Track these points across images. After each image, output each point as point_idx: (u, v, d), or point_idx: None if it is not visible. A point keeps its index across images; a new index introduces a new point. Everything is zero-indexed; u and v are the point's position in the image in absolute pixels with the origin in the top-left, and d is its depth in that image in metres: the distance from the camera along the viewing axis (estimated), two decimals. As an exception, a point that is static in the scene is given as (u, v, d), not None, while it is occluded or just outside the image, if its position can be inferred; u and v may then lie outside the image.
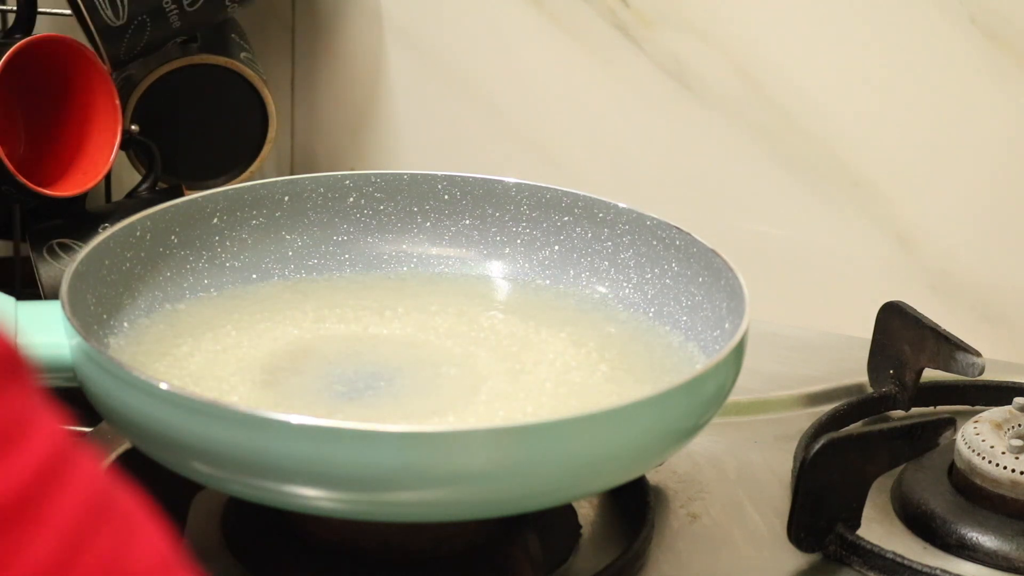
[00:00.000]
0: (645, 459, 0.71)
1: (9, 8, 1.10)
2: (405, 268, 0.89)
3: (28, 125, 1.03)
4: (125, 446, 0.76)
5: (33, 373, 0.40)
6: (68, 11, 0.99)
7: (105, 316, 0.77)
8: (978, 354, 0.87)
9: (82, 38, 0.99)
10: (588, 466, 0.66)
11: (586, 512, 0.81)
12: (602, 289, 0.87)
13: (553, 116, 1.12)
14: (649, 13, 1.07)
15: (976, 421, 0.85)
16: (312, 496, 0.65)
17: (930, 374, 0.91)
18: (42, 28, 1.05)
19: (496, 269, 0.89)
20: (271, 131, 1.04)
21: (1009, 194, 1.04)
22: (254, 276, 0.86)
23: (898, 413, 0.92)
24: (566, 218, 0.88)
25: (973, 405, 0.93)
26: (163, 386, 0.65)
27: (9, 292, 0.77)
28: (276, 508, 0.69)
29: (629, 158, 1.12)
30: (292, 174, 1.14)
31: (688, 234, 0.84)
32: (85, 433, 0.87)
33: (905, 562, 0.77)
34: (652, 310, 0.85)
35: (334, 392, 0.75)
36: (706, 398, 0.70)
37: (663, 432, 0.69)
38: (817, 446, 0.76)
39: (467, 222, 0.90)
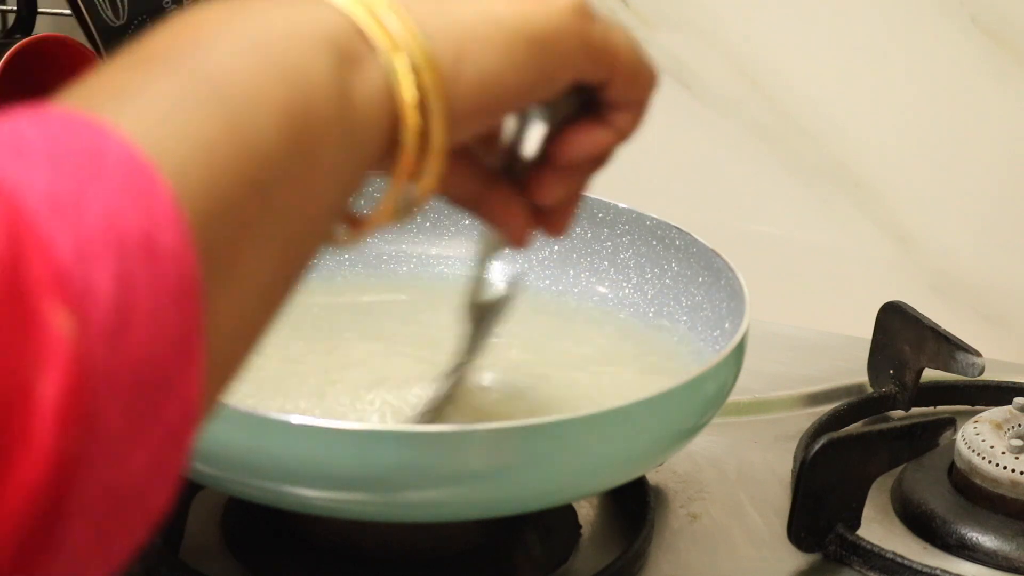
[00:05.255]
0: (645, 459, 0.71)
1: (9, 8, 1.10)
2: (405, 268, 0.89)
3: (28, 125, 1.03)
4: (125, 446, 0.76)
5: None
6: (68, 11, 0.99)
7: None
8: (978, 354, 0.87)
9: (82, 38, 0.99)
10: (588, 466, 0.66)
11: (586, 512, 0.81)
12: (602, 289, 0.87)
13: (553, 116, 1.12)
14: (649, 13, 1.07)
15: (976, 421, 0.85)
16: (312, 496, 0.65)
17: (930, 374, 0.91)
18: (42, 28, 1.05)
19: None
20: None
21: (1010, 194, 1.04)
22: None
23: (898, 413, 0.92)
24: (566, 218, 0.88)
25: (973, 405, 0.93)
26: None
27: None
28: (276, 508, 0.69)
29: (629, 158, 1.11)
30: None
31: (688, 234, 0.84)
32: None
33: (905, 562, 0.77)
34: (652, 310, 0.85)
35: (334, 392, 0.75)
36: (706, 398, 0.70)
37: (663, 432, 0.68)
38: (817, 446, 0.76)
39: (467, 222, 0.89)
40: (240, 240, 0.40)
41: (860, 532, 0.78)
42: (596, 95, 0.55)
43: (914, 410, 0.92)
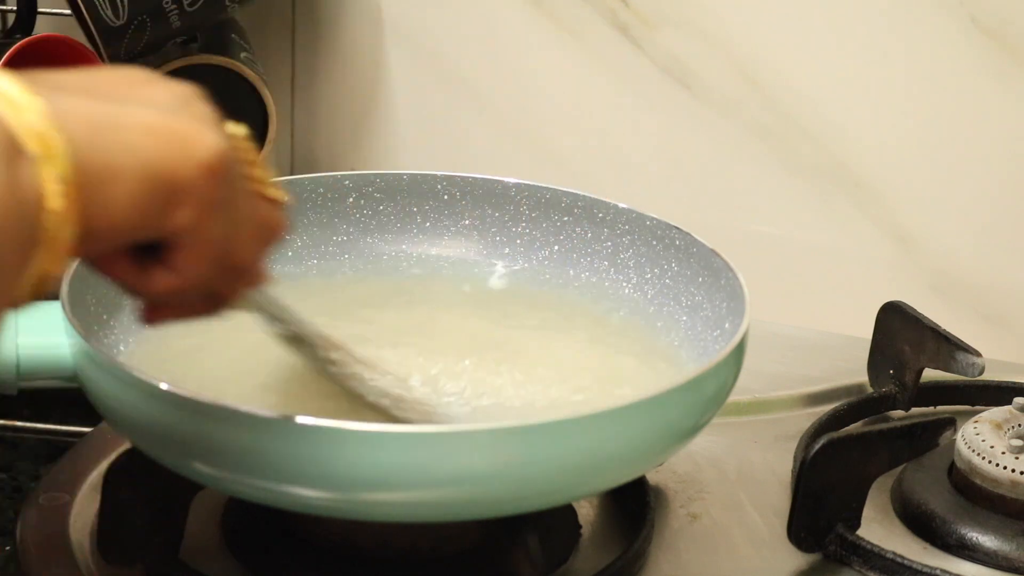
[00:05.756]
0: (645, 459, 0.71)
1: (9, 8, 1.10)
2: (404, 266, 0.89)
3: (28, 125, 1.03)
4: (125, 446, 0.76)
5: None
6: (68, 11, 0.99)
7: (105, 316, 0.77)
8: (978, 354, 0.87)
9: (82, 38, 0.99)
10: (588, 466, 0.66)
11: (586, 512, 0.81)
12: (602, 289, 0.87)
13: (553, 116, 1.12)
14: (649, 13, 1.07)
15: (976, 421, 0.85)
16: (312, 496, 0.65)
17: (930, 374, 0.91)
18: (42, 28, 1.05)
19: (496, 269, 0.89)
20: (271, 131, 1.04)
21: (1010, 194, 1.04)
22: (254, 276, 0.86)
23: (898, 413, 0.92)
24: (566, 218, 0.88)
25: (973, 405, 0.93)
26: (163, 386, 0.65)
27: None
28: (276, 508, 0.69)
29: (629, 158, 1.12)
30: (292, 174, 1.14)
31: (688, 234, 0.84)
32: (85, 433, 0.87)
33: (905, 562, 0.77)
34: (652, 310, 0.85)
35: (335, 393, 0.75)
36: (706, 398, 0.70)
37: (663, 432, 0.68)
38: (817, 446, 0.76)
39: (467, 222, 0.90)
40: None
41: (860, 532, 0.78)
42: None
43: (914, 410, 0.92)
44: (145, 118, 0.52)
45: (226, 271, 0.57)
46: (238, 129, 0.58)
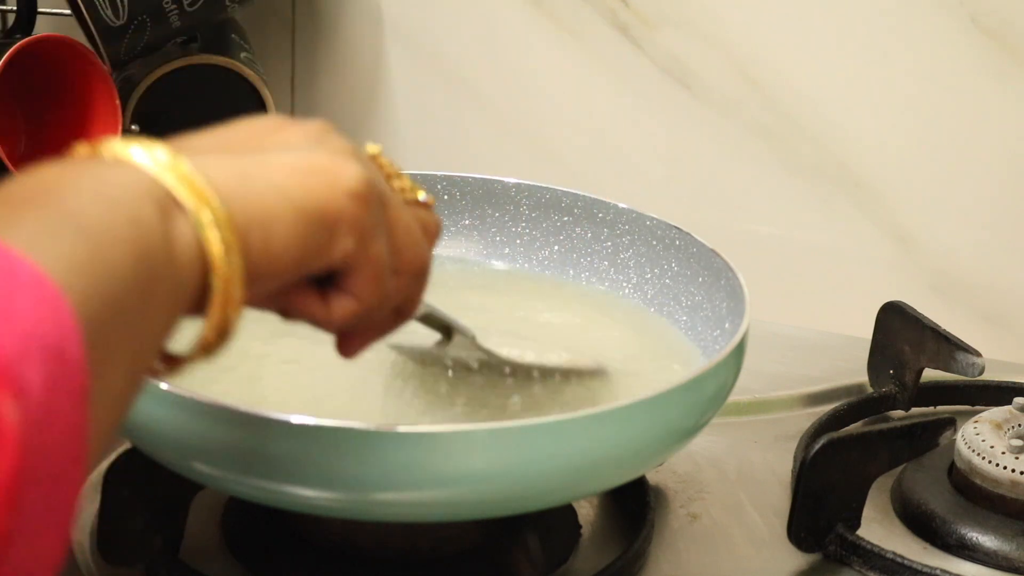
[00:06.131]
0: (645, 459, 0.71)
1: (9, 8, 1.10)
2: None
3: (28, 125, 1.03)
4: (125, 446, 0.76)
5: None
6: (68, 11, 0.99)
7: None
8: (978, 354, 0.87)
9: (82, 38, 0.99)
10: (588, 466, 0.66)
11: (586, 512, 0.81)
12: (602, 289, 0.87)
13: (553, 116, 1.12)
14: (649, 13, 1.08)
15: (976, 421, 0.85)
16: (312, 496, 0.65)
17: (930, 374, 0.91)
18: (42, 28, 1.05)
19: (496, 269, 0.89)
20: (271, 131, 1.04)
21: (1010, 194, 1.04)
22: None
23: (898, 413, 0.92)
24: (566, 218, 0.88)
25: (973, 405, 0.93)
26: (163, 386, 0.65)
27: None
28: (276, 508, 0.69)
29: (629, 158, 1.12)
30: (292, 174, 1.14)
31: (688, 234, 0.84)
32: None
33: (905, 562, 0.77)
34: (652, 310, 0.85)
35: (334, 394, 0.75)
36: (706, 398, 0.70)
37: (663, 432, 0.68)
38: (817, 446, 0.76)
39: (467, 222, 0.90)
40: (104, 356, 0.45)
41: (860, 532, 0.78)
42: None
43: (914, 410, 0.92)
44: (286, 160, 0.54)
45: (403, 282, 0.60)
46: (374, 148, 0.61)
